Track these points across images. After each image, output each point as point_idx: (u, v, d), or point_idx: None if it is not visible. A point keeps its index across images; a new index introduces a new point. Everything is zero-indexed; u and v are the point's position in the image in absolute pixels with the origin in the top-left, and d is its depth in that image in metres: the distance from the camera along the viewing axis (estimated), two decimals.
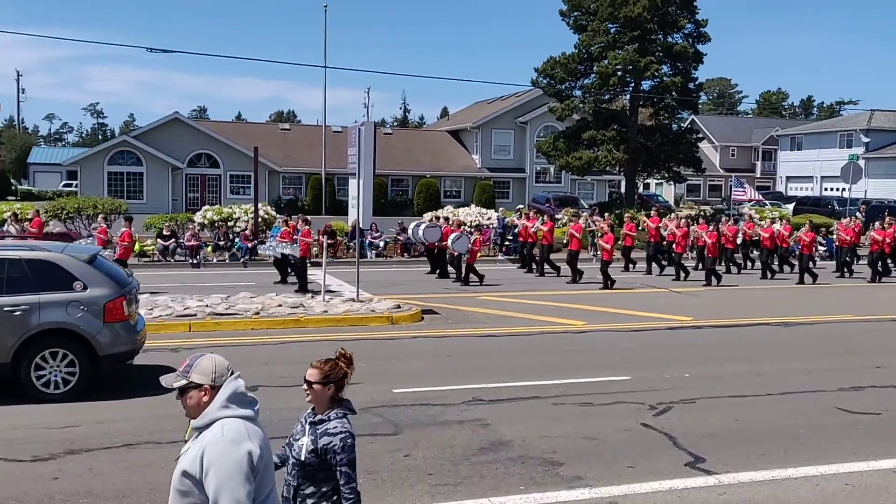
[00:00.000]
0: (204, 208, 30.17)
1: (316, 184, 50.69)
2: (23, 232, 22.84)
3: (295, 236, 20.04)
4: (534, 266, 24.18)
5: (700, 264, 24.30)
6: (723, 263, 24.65)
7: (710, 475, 7.58)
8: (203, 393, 3.66)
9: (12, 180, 60.86)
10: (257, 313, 15.24)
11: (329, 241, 23.82)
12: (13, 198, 49.24)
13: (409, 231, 25.07)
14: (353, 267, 19.43)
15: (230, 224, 28.15)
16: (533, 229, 24.13)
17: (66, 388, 9.83)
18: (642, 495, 7.10)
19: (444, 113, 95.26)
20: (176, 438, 8.26)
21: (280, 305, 15.89)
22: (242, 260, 25.70)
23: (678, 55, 39.67)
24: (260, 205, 29.11)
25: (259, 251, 25.07)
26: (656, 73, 39.04)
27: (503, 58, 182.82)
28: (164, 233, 26.21)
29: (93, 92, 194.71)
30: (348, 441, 4.20)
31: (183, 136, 49.16)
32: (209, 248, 26.47)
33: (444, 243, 22.35)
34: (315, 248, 26.01)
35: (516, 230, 26.59)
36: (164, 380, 3.76)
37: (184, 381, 3.69)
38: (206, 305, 15.55)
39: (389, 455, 7.95)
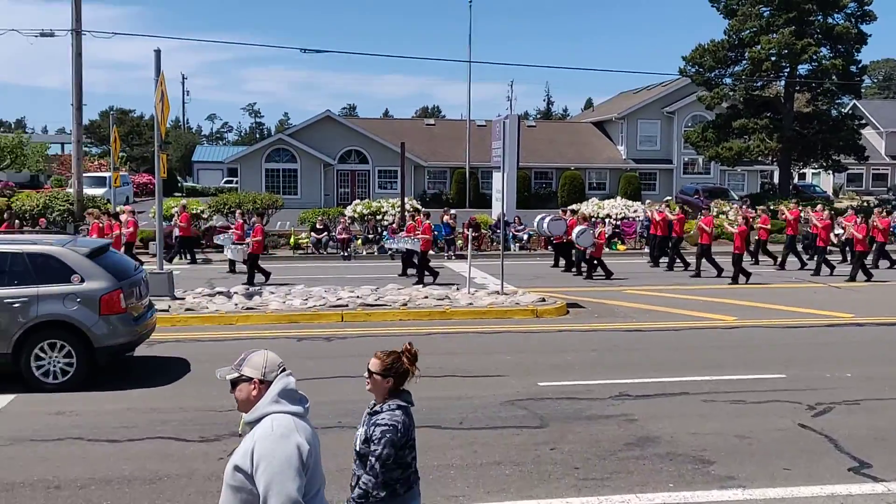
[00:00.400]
0: (354, 203, 31.13)
1: (460, 177, 51.29)
2: (171, 226, 24.22)
3: (417, 232, 20.42)
4: (658, 258, 23.64)
5: (847, 258, 22.91)
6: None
7: (877, 482, 7.19)
8: (252, 387, 3.72)
9: (178, 177, 64.78)
10: (405, 304, 15.61)
11: (473, 234, 24.08)
12: (179, 194, 52.41)
13: (535, 224, 24.98)
14: (496, 260, 19.57)
15: (378, 218, 28.93)
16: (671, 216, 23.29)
17: (64, 378, 10.03)
18: (801, 499, 6.83)
19: (589, 104, 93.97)
20: (329, 424, 8.63)
21: (427, 297, 16.21)
22: (390, 252, 26.35)
23: (839, 36, 37.55)
24: (406, 199, 29.74)
25: (385, 246, 25.61)
26: (814, 57, 37.15)
27: (649, 47, 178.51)
28: (318, 226, 27.23)
29: (250, 92, 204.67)
30: (387, 435, 4.18)
31: (334, 134, 50.86)
32: (359, 241, 27.30)
33: (568, 236, 22.14)
34: (459, 241, 26.40)
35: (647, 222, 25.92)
36: (219, 372, 3.86)
37: (235, 375, 3.77)
38: (357, 296, 16.07)
39: (535, 448, 8.00)
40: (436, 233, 27.22)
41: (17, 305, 9.98)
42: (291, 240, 27.57)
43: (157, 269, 16.57)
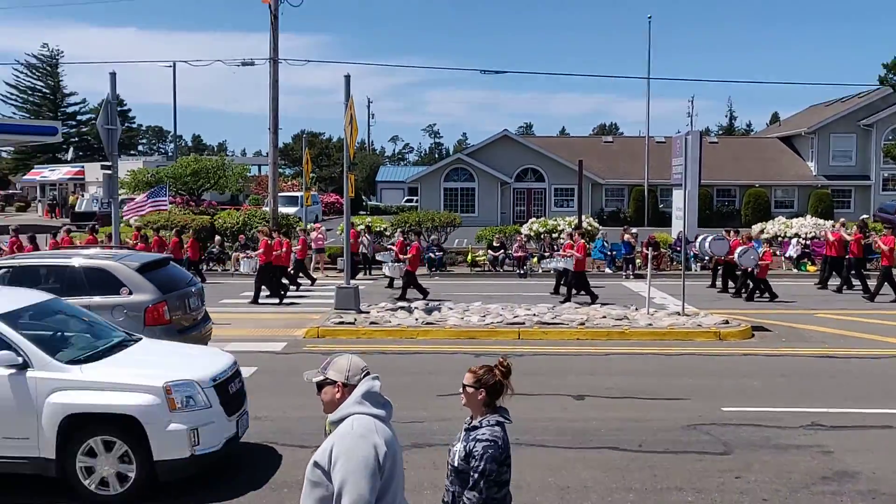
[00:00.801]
0: (530, 221, 31.24)
1: (638, 195, 50.33)
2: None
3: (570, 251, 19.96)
4: (827, 280, 22.05)
5: None
6: None
7: None
8: (336, 389, 3.83)
9: (363, 197, 67.49)
10: (582, 324, 15.49)
11: (653, 254, 23.54)
12: (364, 212, 54.58)
13: (697, 244, 24.00)
14: (676, 280, 19.02)
15: (554, 236, 28.88)
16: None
17: None
18: None
19: (775, 118, 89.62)
20: (520, 441, 8.69)
21: (605, 317, 16.01)
22: (551, 270, 26.21)
23: None
24: (583, 217, 29.54)
25: (542, 265, 25.38)
26: None
27: (841, 57, 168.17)
28: (494, 244, 27.53)
29: (431, 114, 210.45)
30: (489, 450, 4.16)
31: (511, 152, 51.34)
32: (535, 259, 27.35)
33: (730, 257, 21.10)
34: (638, 260, 25.87)
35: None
36: (306, 375, 3.99)
37: (321, 377, 3.89)
38: (534, 314, 16.12)
39: (719, 475, 7.72)
40: (608, 251, 26.88)
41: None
42: (469, 257, 28.02)
43: (345, 283, 17.33)
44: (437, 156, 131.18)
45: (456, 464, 4.25)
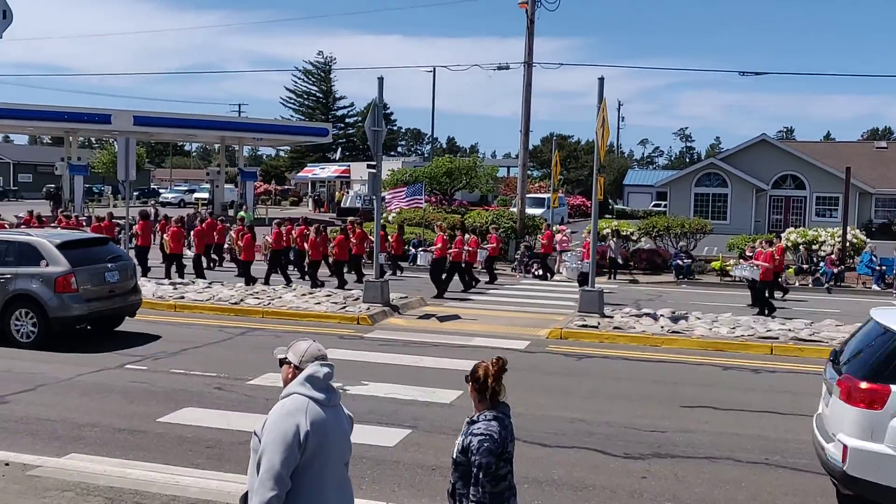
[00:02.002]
0: (787, 230, 29.45)
1: None
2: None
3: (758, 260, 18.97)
4: None
5: None
6: None
7: None
8: (290, 369, 4.19)
9: (610, 200, 66.90)
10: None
11: None
12: (610, 216, 54.09)
13: None
14: None
15: (814, 247, 27.03)
16: None
17: (31, 339, 13.08)
18: None
19: None
20: (756, 460, 8.35)
21: None
22: (827, 285, 24.48)
23: None
24: (848, 228, 27.39)
25: (733, 272, 23.75)
26: None
27: None
28: (747, 254, 26.21)
29: (682, 117, 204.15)
30: (485, 444, 4.25)
31: (768, 158, 48.62)
32: (790, 271, 25.77)
33: None
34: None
35: None
36: (275, 350, 4.36)
37: (282, 355, 4.27)
38: (789, 329, 15.23)
39: None
40: (876, 265, 24.65)
41: (2, 282, 13.27)
42: (717, 265, 26.93)
43: (589, 286, 17.34)
44: (687, 160, 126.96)
45: (454, 456, 4.44)
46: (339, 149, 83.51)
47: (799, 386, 11.87)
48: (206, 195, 58.68)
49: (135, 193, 66.66)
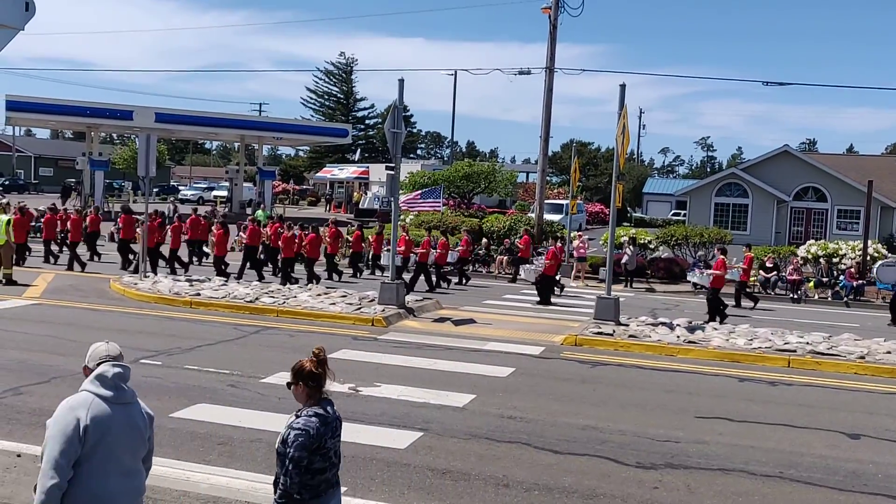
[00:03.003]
0: (808, 242, 29.20)
1: None
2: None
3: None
4: None
5: None
6: None
7: None
8: (85, 371, 4.49)
9: (628, 208, 66.60)
10: (862, 357, 14.25)
11: None
12: (628, 224, 53.87)
13: (874, 272, 21.55)
14: None
15: (834, 260, 26.79)
16: None
17: None
18: None
19: None
20: (770, 473, 8.25)
21: (889, 352, 14.62)
22: (846, 299, 24.25)
23: None
24: (869, 242, 27.12)
25: (689, 279, 23.69)
26: None
27: None
28: (767, 265, 26.06)
29: (704, 126, 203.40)
30: (299, 439, 4.38)
31: (790, 169, 48.27)
32: (810, 284, 25.55)
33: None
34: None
35: None
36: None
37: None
38: (807, 343, 15.08)
39: None
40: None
41: None
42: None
43: (605, 294, 17.26)
44: (708, 169, 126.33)
45: (276, 447, 4.55)
46: (359, 150, 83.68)
47: (816, 399, 11.74)
48: (224, 193, 58.96)
49: (154, 190, 67.12)
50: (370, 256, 25.67)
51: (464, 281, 24.57)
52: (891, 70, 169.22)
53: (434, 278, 22.74)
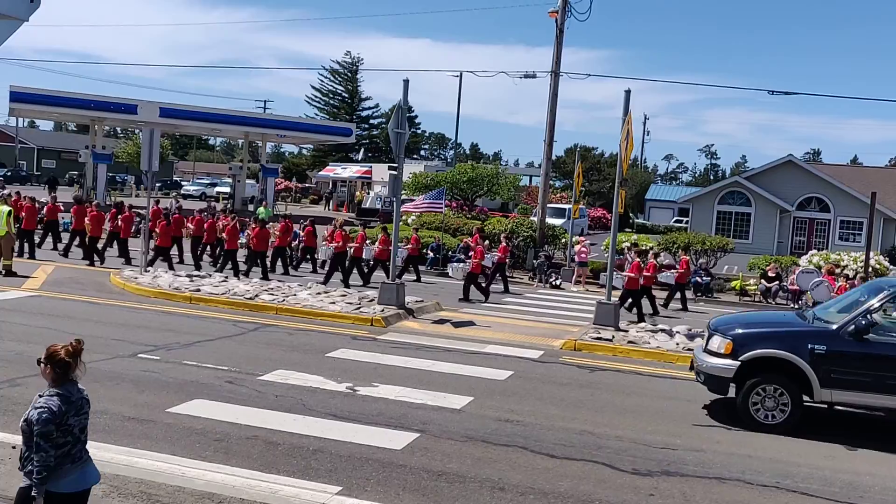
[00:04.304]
0: (810, 252, 29.21)
1: None
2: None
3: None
4: None
5: None
6: None
7: None
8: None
9: (631, 214, 66.59)
10: None
11: None
12: (630, 229, 53.81)
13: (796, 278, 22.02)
14: None
15: (836, 271, 26.72)
16: None
17: None
18: None
19: None
20: (766, 483, 8.23)
21: None
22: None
23: None
24: (872, 253, 27.07)
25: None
26: None
27: None
28: (769, 274, 26.06)
29: (709, 134, 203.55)
30: (43, 415, 4.67)
31: (794, 179, 48.23)
32: (810, 295, 25.50)
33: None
34: None
35: None
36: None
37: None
38: None
39: None
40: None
41: None
42: (737, 284, 26.73)
43: (605, 299, 17.24)
44: (711, 177, 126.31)
45: (21, 425, 4.79)
46: (362, 149, 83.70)
47: (811, 410, 11.71)
48: (227, 189, 58.94)
49: (157, 185, 67.13)
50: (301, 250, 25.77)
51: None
52: (894, 82, 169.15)
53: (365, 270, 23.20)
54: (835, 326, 10.41)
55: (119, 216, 23.72)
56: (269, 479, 7.32)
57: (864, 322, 10.15)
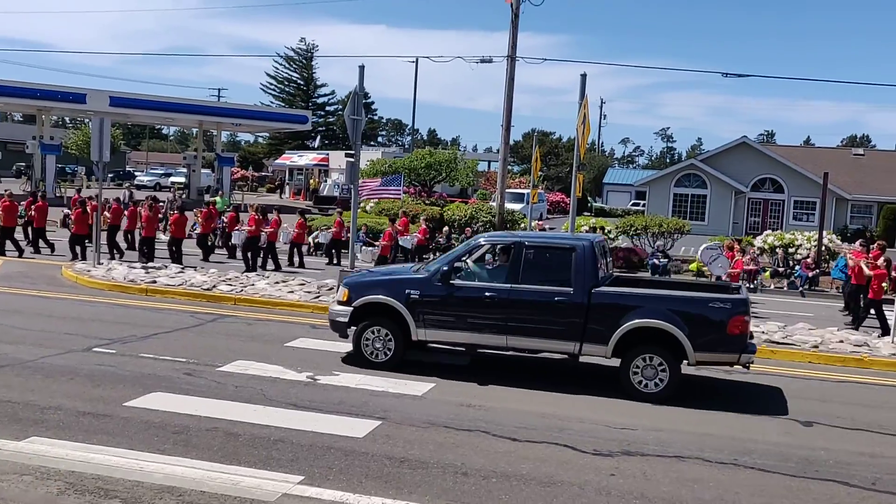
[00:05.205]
0: (765, 233, 29.65)
1: (889, 213, 46.29)
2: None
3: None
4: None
5: None
6: None
7: None
8: None
9: (589, 198, 67.04)
10: (816, 346, 14.50)
11: None
12: (588, 213, 54.23)
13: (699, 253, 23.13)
14: None
15: (790, 251, 27.22)
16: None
17: None
18: None
19: None
20: (724, 460, 8.35)
21: (842, 342, 14.89)
22: (801, 289, 24.64)
23: None
24: (825, 233, 27.60)
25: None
26: None
27: None
28: (724, 255, 26.37)
29: (665, 117, 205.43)
30: None
31: (748, 161, 48.93)
32: (766, 274, 25.93)
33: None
34: (885, 284, 23.78)
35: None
36: None
37: None
38: (763, 332, 15.29)
39: None
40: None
41: None
42: (694, 266, 27.03)
43: None
44: (668, 160, 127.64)
45: None
46: (319, 137, 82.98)
47: (769, 388, 11.91)
48: (182, 179, 58.16)
49: (110, 175, 65.98)
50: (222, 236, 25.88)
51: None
52: (848, 65, 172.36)
53: (297, 259, 23.87)
54: (427, 274, 11.61)
55: (34, 205, 23.48)
56: (230, 471, 7.24)
57: (446, 269, 11.39)
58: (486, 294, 11.19)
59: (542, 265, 11.32)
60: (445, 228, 29.01)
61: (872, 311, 17.22)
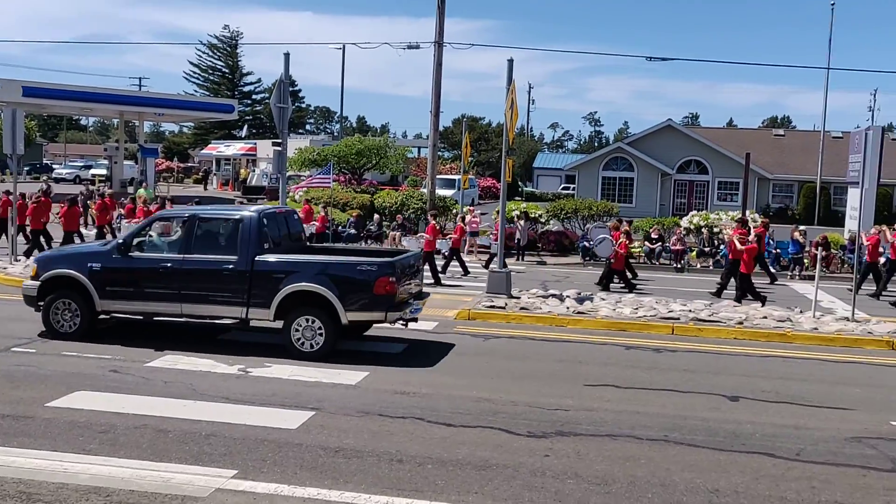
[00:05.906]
0: (690, 214, 30.28)
1: (809, 192, 47.79)
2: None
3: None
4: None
5: None
6: None
7: None
8: None
9: (520, 182, 67.49)
10: (741, 323, 14.89)
11: (823, 254, 22.30)
12: (519, 198, 54.57)
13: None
14: (848, 283, 17.92)
15: (715, 230, 27.86)
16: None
17: None
18: None
19: None
20: (655, 437, 8.51)
21: (765, 317, 15.32)
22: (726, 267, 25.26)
23: None
24: (747, 212, 28.32)
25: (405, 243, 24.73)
26: None
27: None
28: (652, 236, 26.88)
29: (592, 101, 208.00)
30: None
31: (674, 143, 49.86)
32: (693, 254, 26.51)
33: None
34: (806, 261, 24.57)
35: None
36: None
37: None
38: (690, 310, 15.63)
39: (886, 493, 7.24)
40: (772, 248, 25.58)
41: None
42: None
43: (497, 267, 17.41)
44: (596, 144, 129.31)
45: None
46: (246, 126, 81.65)
47: (698, 365, 12.19)
48: (103, 172, 56.55)
49: (26, 169, 63.79)
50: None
51: None
52: (769, 49, 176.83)
53: None
54: (109, 247, 12.27)
55: None
56: (161, 468, 7.07)
57: (123, 242, 12.08)
58: (161, 265, 11.79)
59: (212, 236, 12.08)
60: (376, 216, 28.86)
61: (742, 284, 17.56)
